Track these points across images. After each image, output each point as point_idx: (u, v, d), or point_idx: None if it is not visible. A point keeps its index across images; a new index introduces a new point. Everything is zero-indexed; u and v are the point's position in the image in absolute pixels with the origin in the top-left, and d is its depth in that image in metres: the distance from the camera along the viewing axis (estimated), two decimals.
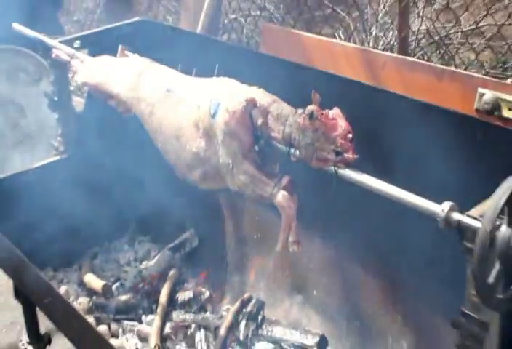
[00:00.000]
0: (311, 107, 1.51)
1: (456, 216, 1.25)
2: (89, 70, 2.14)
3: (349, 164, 1.48)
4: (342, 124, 1.52)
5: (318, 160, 1.50)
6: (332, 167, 1.49)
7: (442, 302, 1.83)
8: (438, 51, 4.04)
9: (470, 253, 1.19)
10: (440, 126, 1.82)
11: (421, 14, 3.90)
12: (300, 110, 1.56)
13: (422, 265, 1.96)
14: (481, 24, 3.71)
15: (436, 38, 4.00)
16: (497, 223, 1.15)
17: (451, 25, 3.92)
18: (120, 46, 2.19)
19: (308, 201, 1.76)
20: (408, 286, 2.08)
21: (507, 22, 3.43)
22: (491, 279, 1.14)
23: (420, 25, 3.96)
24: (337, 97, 1.66)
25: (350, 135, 1.51)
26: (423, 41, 4.11)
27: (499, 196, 1.13)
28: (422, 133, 1.86)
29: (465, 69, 3.25)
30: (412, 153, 1.89)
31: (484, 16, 3.47)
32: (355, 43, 4.21)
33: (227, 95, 1.69)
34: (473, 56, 3.81)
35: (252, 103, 1.63)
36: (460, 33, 4.06)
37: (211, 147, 1.71)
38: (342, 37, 4.36)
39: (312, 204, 2.00)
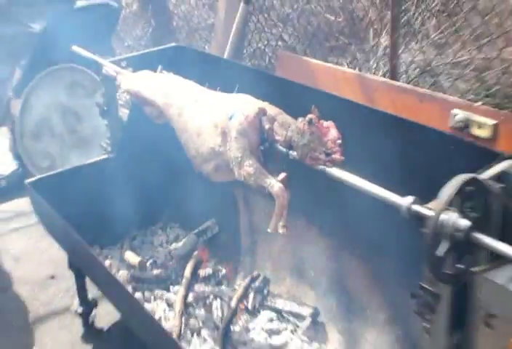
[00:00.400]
0: (311, 116, 1.58)
1: (416, 207, 1.31)
2: (132, 80, 2.21)
3: (336, 164, 1.55)
4: (333, 132, 1.59)
5: (311, 158, 1.58)
6: (322, 166, 1.56)
7: (412, 283, 1.86)
8: (430, 79, 4.07)
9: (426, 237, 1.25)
10: (420, 139, 1.86)
11: (412, 47, 3.96)
12: (301, 119, 1.63)
13: (396, 253, 1.99)
14: (462, 58, 3.77)
15: (428, 68, 4.04)
16: (448, 212, 1.22)
17: (438, 56, 3.96)
18: (160, 67, 2.25)
19: (305, 197, 1.79)
20: (385, 269, 2.11)
21: (479, 57, 3.50)
22: (439, 253, 1.19)
23: (414, 57, 4.01)
24: (335, 113, 1.70)
25: (339, 141, 1.58)
26: (417, 70, 4.14)
27: (448, 190, 1.19)
28: (405, 145, 1.89)
29: (444, 93, 3.30)
30: (396, 160, 1.91)
31: (459, 51, 3.56)
32: (359, 70, 4.23)
33: (243, 104, 1.77)
34: (461, 84, 3.85)
35: (262, 111, 1.71)
36: (446, 64, 4.08)
37: (225, 144, 1.77)
38: (350, 65, 4.39)
39: (308, 200, 2.06)
